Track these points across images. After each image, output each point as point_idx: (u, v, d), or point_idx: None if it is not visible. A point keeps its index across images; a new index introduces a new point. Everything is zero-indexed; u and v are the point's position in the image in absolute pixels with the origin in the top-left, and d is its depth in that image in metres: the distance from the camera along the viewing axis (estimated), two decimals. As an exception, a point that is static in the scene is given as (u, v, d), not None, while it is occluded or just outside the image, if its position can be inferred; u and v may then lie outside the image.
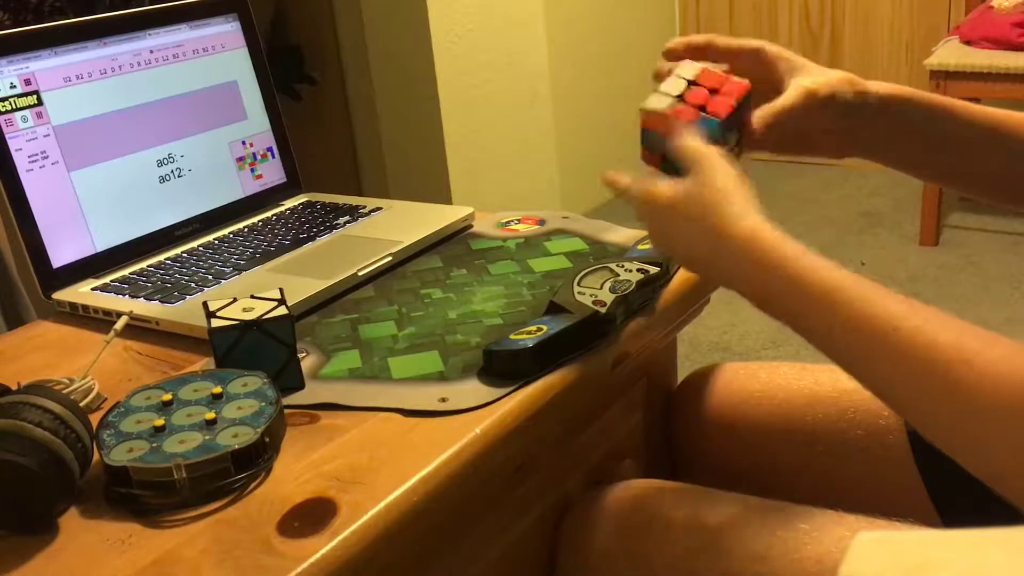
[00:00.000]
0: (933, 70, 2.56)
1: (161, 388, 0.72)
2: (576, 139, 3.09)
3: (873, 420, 0.85)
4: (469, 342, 0.81)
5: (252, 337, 0.74)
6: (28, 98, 0.94)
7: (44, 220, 0.94)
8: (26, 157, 0.94)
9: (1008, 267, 2.59)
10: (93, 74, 1.00)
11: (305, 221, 1.09)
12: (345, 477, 0.64)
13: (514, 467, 0.73)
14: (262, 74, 1.15)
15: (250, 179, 1.13)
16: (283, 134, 1.17)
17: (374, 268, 0.95)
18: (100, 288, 0.95)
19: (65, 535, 0.62)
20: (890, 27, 3.26)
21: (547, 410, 0.73)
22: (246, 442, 0.65)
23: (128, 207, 1.01)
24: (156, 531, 0.61)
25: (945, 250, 2.73)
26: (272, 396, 0.70)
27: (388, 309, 0.89)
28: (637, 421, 0.95)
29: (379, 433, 0.69)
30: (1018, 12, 2.55)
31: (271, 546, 0.59)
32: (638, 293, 0.83)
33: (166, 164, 1.05)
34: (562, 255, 0.97)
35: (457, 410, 0.71)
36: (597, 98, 3.17)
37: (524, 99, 2.81)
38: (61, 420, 0.63)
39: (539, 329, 0.76)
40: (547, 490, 0.83)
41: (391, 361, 0.79)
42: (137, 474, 0.64)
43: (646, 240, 0.93)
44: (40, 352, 0.89)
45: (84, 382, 0.78)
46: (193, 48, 1.09)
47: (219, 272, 0.96)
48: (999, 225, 2.87)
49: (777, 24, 3.45)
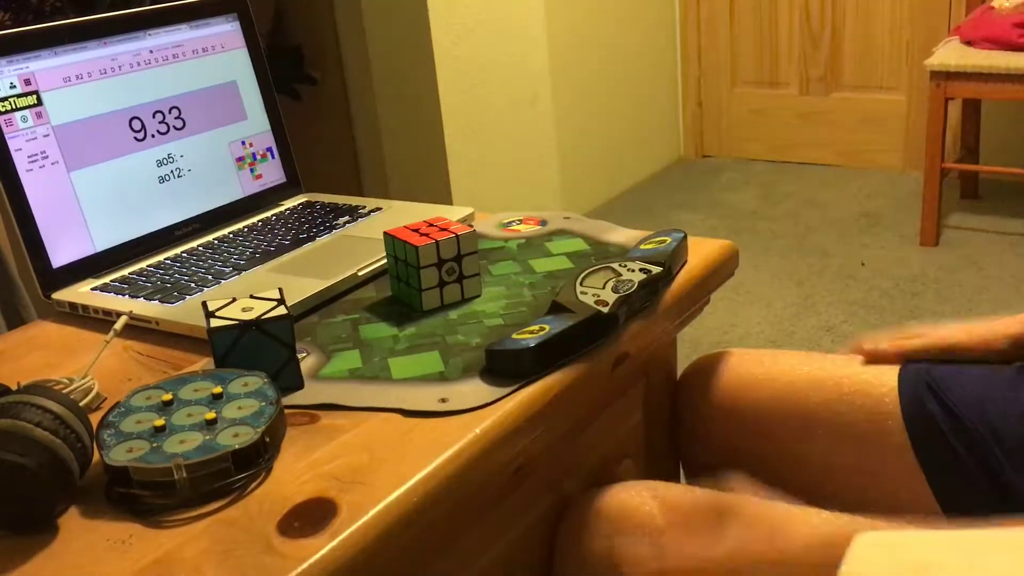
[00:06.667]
0: (933, 70, 2.56)
1: (161, 388, 0.72)
2: (576, 139, 3.09)
3: (873, 406, 0.86)
4: (469, 342, 0.81)
5: (251, 337, 0.74)
6: (28, 98, 0.94)
7: (44, 220, 0.94)
8: (26, 157, 0.93)
9: (1008, 267, 2.59)
10: (93, 74, 1.00)
11: (305, 221, 1.09)
12: (345, 477, 0.64)
13: (514, 467, 0.73)
14: (262, 74, 1.15)
15: (250, 179, 1.13)
16: (283, 134, 1.17)
17: (374, 268, 0.95)
18: (100, 288, 0.95)
19: (65, 535, 0.62)
20: (890, 27, 3.26)
21: (547, 411, 0.73)
22: (246, 442, 0.65)
23: (128, 207, 1.01)
24: (156, 531, 0.61)
25: (945, 250, 2.73)
26: (272, 396, 0.70)
27: (388, 309, 0.89)
28: (637, 421, 0.95)
29: (379, 433, 0.69)
30: (1018, 12, 2.55)
31: (271, 546, 0.59)
32: (640, 293, 0.83)
33: (166, 164, 1.05)
34: (563, 255, 0.97)
35: (457, 410, 0.71)
36: (597, 98, 3.17)
37: (524, 99, 2.81)
38: (61, 420, 0.63)
39: (541, 329, 0.76)
40: (546, 490, 0.83)
41: (391, 361, 0.79)
42: (137, 474, 0.63)
43: (647, 240, 0.93)
44: (40, 352, 0.89)
45: (84, 382, 0.78)
46: (193, 48, 1.09)
47: (219, 272, 0.96)
48: (999, 225, 2.87)
49: (777, 24, 3.45)
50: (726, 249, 0.96)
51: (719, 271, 0.95)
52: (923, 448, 0.83)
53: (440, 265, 0.86)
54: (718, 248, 0.95)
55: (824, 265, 2.71)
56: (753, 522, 0.74)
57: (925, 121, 2.67)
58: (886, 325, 2.35)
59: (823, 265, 2.71)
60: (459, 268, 0.87)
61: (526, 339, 0.75)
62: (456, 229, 0.87)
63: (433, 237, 0.86)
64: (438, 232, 0.87)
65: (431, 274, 0.86)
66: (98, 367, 0.80)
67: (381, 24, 2.50)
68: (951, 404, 0.82)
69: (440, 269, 0.86)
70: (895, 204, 3.09)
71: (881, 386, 0.86)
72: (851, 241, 2.85)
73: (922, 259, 2.69)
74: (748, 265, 2.68)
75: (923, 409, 0.83)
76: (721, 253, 0.95)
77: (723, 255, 0.95)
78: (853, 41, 3.34)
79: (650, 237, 0.94)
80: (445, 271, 0.87)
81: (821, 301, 2.50)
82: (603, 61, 3.18)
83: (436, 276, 0.86)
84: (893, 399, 0.85)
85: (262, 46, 1.16)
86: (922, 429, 0.83)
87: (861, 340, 0.91)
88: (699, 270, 0.92)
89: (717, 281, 0.95)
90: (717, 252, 0.95)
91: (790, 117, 3.53)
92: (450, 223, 0.89)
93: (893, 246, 2.79)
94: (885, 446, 0.85)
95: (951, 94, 2.59)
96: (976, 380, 0.84)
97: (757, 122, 3.60)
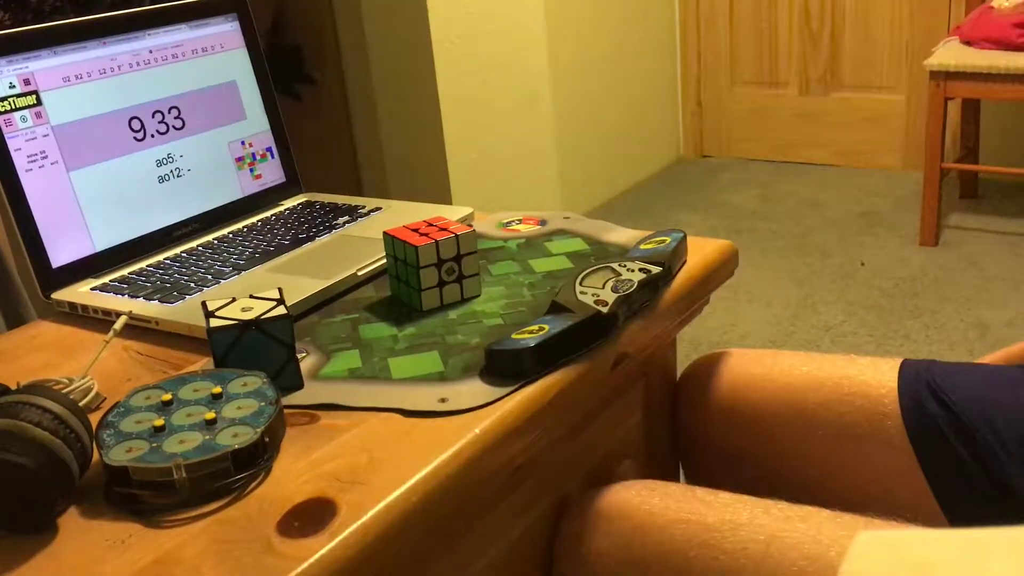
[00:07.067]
0: (933, 70, 2.56)
1: (161, 388, 0.72)
2: (576, 139, 3.09)
3: (872, 406, 0.86)
4: (469, 342, 0.81)
5: (251, 337, 0.74)
6: (27, 98, 0.94)
7: (43, 220, 0.94)
8: (25, 157, 0.93)
9: (1008, 267, 2.60)
10: (92, 74, 1.00)
11: (304, 221, 1.09)
12: (345, 477, 0.64)
13: (514, 467, 0.73)
14: (262, 74, 1.15)
15: (249, 179, 1.13)
16: (283, 134, 1.17)
17: (374, 268, 0.95)
18: (99, 288, 0.95)
19: (65, 535, 0.62)
20: (890, 27, 3.26)
21: (546, 410, 0.73)
22: (246, 442, 0.65)
23: (127, 207, 1.01)
24: (156, 531, 0.61)
25: (945, 250, 2.73)
26: (272, 396, 0.70)
27: (388, 309, 0.89)
28: (637, 421, 0.95)
29: (379, 433, 0.69)
30: (1018, 12, 2.55)
31: (271, 546, 0.59)
32: (640, 293, 0.83)
33: (165, 164, 1.05)
34: (563, 255, 0.97)
35: (457, 410, 0.71)
36: (597, 98, 3.17)
37: (524, 99, 2.81)
38: (61, 420, 0.63)
39: (541, 328, 0.76)
40: (546, 490, 0.83)
41: (391, 361, 0.79)
42: (137, 474, 0.63)
43: (647, 240, 0.93)
44: (39, 352, 0.89)
45: (83, 382, 0.78)
46: (192, 48, 1.09)
47: (218, 272, 0.96)
48: (999, 225, 2.87)
49: (777, 24, 3.45)
50: (726, 249, 0.96)
51: (719, 271, 0.95)
52: (923, 448, 0.83)
53: (440, 265, 0.86)
54: (718, 248, 0.95)
55: (824, 265, 2.71)
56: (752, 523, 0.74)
57: (925, 121, 2.68)
58: (886, 325, 2.35)
59: (823, 265, 2.71)
60: (459, 268, 0.87)
61: (526, 339, 0.75)
62: (456, 229, 0.87)
63: (433, 237, 0.86)
64: (438, 232, 0.87)
65: (431, 274, 0.86)
66: (98, 367, 0.80)
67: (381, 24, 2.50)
68: (951, 403, 0.82)
69: (440, 269, 0.86)
70: (895, 204, 3.09)
71: (880, 387, 0.86)
72: (851, 241, 2.85)
73: (922, 259, 2.69)
74: (748, 265, 2.68)
75: (923, 409, 0.83)
76: (721, 253, 0.95)
77: (723, 255, 0.95)
78: (853, 41, 3.34)
79: (650, 237, 0.94)
80: (445, 271, 0.87)
81: (821, 301, 2.50)
82: (603, 61, 3.18)
83: (436, 276, 0.86)
84: (892, 399, 0.85)
85: (262, 46, 1.16)
86: (922, 429, 0.83)
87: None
88: (699, 270, 0.92)
89: (717, 281, 0.95)
90: (717, 252, 0.95)
91: (790, 117, 3.53)
92: (450, 223, 0.89)
93: (893, 246, 2.79)
94: (885, 446, 0.85)
95: (951, 94, 2.59)
96: (977, 380, 0.84)
97: (757, 122, 3.60)
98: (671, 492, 0.80)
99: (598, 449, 0.89)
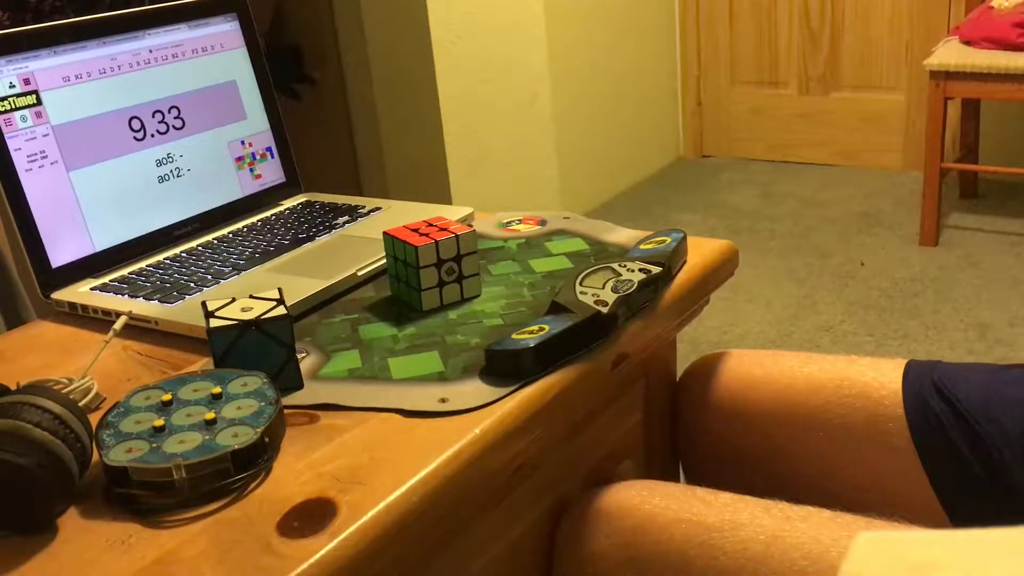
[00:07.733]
0: (933, 70, 2.56)
1: (161, 388, 0.72)
2: (576, 139, 3.09)
3: (874, 408, 0.86)
4: (469, 342, 0.81)
5: (251, 337, 0.74)
6: (27, 98, 0.94)
7: (43, 220, 0.94)
8: (25, 157, 0.93)
9: (1008, 267, 2.60)
10: (92, 74, 1.00)
11: (304, 221, 1.09)
12: (345, 477, 0.64)
13: (514, 467, 0.73)
14: (261, 74, 1.15)
15: (249, 179, 1.13)
16: (282, 134, 1.17)
17: (374, 268, 0.95)
18: (99, 288, 0.95)
19: (65, 535, 0.62)
20: (890, 27, 3.26)
21: (546, 411, 0.73)
22: (246, 442, 0.65)
23: (127, 207, 1.01)
24: (156, 531, 0.61)
25: (945, 250, 2.73)
26: (272, 396, 0.69)
27: (388, 309, 0.89)
28: (637, 421, 0.95)
29: (379, 433, 0.69)
30: (1018, 12, 2.55)
31: (271, 546, 0.59)
32: (640, 293, 0.83)
33: (165, 164, 1.05)
34: (563, 255, 0.97)
35: (457, 411, 0.71)
36: (597, 98, 3.17)
37: (524, 99, 2.81)
38: (60, 420, 0.63)
39: (541, 329, 0.76)
40: (546, 490, 0.83)
41: (391, 361, 0.79)
42: (137, 474, 0.63)
43: (647, 240, 0.93)
44: (39, 352, 0.89)
45: (83, 382, 0.77)
46: (192, 48, 1.09)
47: (218, 272, 0.96)
48: (999, 225, 2.87)
49: (777, 24, 3.45)
50: (726, 249, 0.96)
51: (719, 271, 0.95)
52: (926, 447, 0.83)
53: (440, 265, 0.86)
54: (718, 248, 0.95)
55: (824, 265, 2.71)
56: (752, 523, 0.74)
57: (925, 121, 2.68)
58: (886, 325, 2.35)
59: (823, 265, 2.71)
60: (459, 268, 0.87)
61: (526, 339, 0.75)
62: (456, 229, 0.87)
63: (433, 237, 0.86)
64: (438, 232, 0.87)
65: (430, 274, 0.86)
66: (97, 367, 0.80)
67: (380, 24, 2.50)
68: (956, 400, 0.82)
69: (440, 269, 0.86)
70: (895, 204, 3.09)
71: (881, 388, 0.86)
72: (851, 241, 2.85)
73: (922, 259, 2.69)
74: (748, 265, 2.68)
75: (927, 405, 0.83)
76: (721, 253, 0.95)
77: (723, 255, 0.95)
78: (853, 41, 3.34)
79: (650, 237, 0.94)
80: (445, 271, 0.86)
81: (821, 301, 2.50)
82: (603, 61, 3.18)
83: (436, 276, 0.86)
84: (894, 401, 0.85)
85: (261, 46, 1.16)
86: (925, 426, 0.83)
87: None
88: (699, 270, 0.92)
89: (717, 281, 0.95)
90: (717, 252, 0.95)
91: (790, 117, 3.53)
92: (450, 223, 0.89)
93: (893, 246, 2.79)
94: (886, 447, 0.85)
95: (950, 94, 2.59)
96: (982, 377, 0.84)
97: (757, 122, 3.60)
98: (671, 492, 0.80)
99: (598, 449, 0.89)
